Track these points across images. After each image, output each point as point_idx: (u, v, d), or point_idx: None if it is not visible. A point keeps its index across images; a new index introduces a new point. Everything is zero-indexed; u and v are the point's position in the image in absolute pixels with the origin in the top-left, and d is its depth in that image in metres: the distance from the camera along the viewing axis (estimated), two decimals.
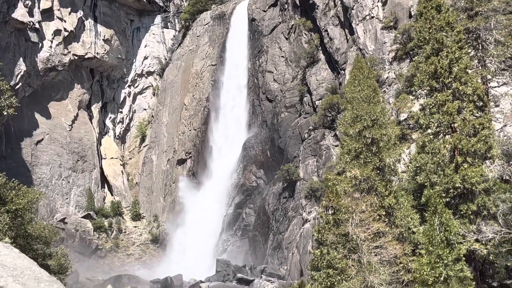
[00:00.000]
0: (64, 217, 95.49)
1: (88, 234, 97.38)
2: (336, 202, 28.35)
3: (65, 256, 38.34)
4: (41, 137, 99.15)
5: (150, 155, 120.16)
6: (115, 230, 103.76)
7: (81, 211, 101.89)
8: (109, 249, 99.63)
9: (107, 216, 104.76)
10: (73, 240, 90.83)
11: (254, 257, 79.87)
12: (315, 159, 74.18)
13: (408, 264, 29.88)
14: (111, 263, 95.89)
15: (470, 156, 33.22)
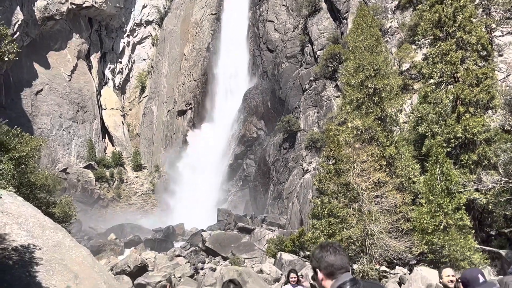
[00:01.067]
0: (65, 167, 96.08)
1: (90, 184, 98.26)
2: (338, 152, 28.40)
3: (69, 204, 38.70)
4: (40, 87, 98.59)
5: (150, 106, 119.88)
6: (117, 180, 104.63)
7: (82, 162, 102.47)
8: (111, 199, 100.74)
9: (108, 166, 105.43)
10: (75, 190, 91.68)
11: (255, 207, 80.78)
12: (316, 110, 73.94)
13: (408, 213, 30.25)
14: (113, 212, 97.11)
15: (472, 106, 33.15)
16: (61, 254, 17.35)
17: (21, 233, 17.19)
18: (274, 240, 51.47)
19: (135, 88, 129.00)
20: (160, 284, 42.77)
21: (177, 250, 56.59)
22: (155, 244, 65.59)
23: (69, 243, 18.23)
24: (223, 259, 52.25)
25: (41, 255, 16.72)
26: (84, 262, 17.66)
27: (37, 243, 17.01)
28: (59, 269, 16.51)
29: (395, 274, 28.30)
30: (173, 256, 52.58)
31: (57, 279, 16.14)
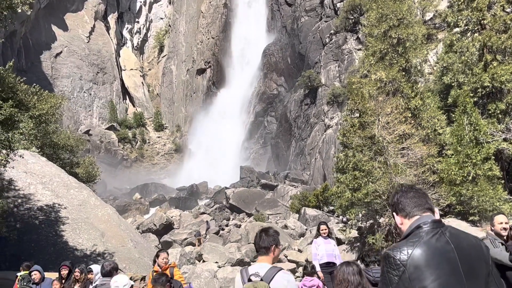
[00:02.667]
0: (88, 129, 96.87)
1: (113, 145, 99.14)
2: (362, 105, 27.74)
3: (92, 164, 38.89)
4: (59, 50, 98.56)
5: (169, 66, 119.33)
6: (139, 140, 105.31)
7: (104, 123, 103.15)
8: (134, 159, 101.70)
9: (130, 127, 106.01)
10: (98, 151, 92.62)
11: (277, 163, 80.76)
12: (337, 64, 72.70)
13: (434, 165, 29.68)
14: (137, 172, 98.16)
15: (500, 54, 32.09)
16: (86, 213, 17.36)
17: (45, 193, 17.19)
18: (298, 196, 51.51)
19: (154, 48, 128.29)
20: (186, 241, 43.30)
21: (201, 208, 57.07)
22: (180, 202, 66.24)
23: (94, 201, 18.23)
24: (247, 216, 52.58)
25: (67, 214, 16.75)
26: (110, 220, 17.68)
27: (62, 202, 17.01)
28: (85, 227, 16.54)
29: None
30: (197, 214, 53.08)
31: (83, 237, 16.18)
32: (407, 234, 3.01)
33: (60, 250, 15.67)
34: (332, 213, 44.27)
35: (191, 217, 51.08)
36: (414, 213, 3.06)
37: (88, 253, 15.85)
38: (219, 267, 29.32)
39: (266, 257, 4.90)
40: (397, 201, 3.14)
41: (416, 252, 2.83)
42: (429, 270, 2.77)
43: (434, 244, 2.87)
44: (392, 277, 2.82)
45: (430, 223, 2.97)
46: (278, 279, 4.67)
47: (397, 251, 2.87)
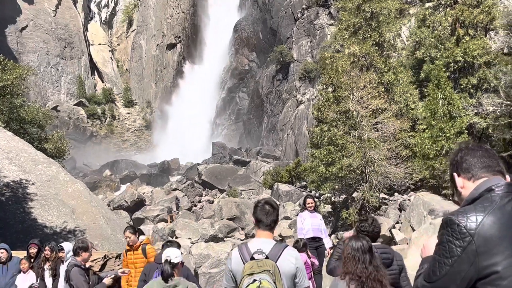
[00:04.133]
0: (56, 105, 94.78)
1: (82, 121, 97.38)
2: (337, 79, 27.57)
3: (61, 140, 37.89)
4: (25, 24, 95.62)
5: (139, 40, 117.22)
6: (109, 116, 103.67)
7: (72, 99, 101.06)
8: (104, 136, 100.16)
9: (99, 103, 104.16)
10: (67, 128, 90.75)
11: (249, 139, 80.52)
12: (309, 40, 72.33)
13: (407, 140, 29.85)
14: (107, 149, 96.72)
15: (472, 28, 32.25)
16: (56, 189, 16.81)
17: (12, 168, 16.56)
18: (270, 171, 51.48)
19: (122, 22, 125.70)
20: (159, 218, 42.93)
21: (173, 184, 56.62)
22: (151, 179, 65.61)
23: (63, 177, 17.67)
24: (220, 192, 52.38)
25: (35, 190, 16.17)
26: (81, 196, 17.17)
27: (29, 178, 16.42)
28: (54, 204, 16.02)
29: (394, 201, 28.23)
30: (170, 190, 52.65)
31: (53, 214, 15.67)
32: (475, 197, 2.41)
33: (28, 228, 15.17)
34: (305, 188, 44.35)
35: (163, 194, 50.62)
36: (481, 174, 2.49)
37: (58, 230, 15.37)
38: (193, 243, 29.09)
39: (270, 232, 4.37)
40: (461, 159, 2.56)
41: (488, 220, 2.24)
42: (503, 244, 2.18)
43: (510, 211, 2.29)
44: (454, 248, 2.21)
45: (505, 186, 2.39)
46: (286, 256, 4.17)
47: (463, 217, 2.27)
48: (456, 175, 2.56)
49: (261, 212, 4.32)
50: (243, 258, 4.15)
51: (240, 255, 4.21)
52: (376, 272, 4.62)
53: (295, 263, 4.20)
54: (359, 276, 4.58)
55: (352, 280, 4.61)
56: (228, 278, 4.27)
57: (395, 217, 25.45)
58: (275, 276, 3.90)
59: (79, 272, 7.75)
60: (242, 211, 37.51)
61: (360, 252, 4.67)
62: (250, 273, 3.88)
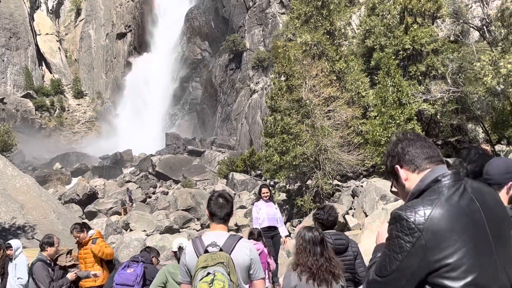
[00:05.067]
0: (2, 97, 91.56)
1: (30, 114, 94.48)
2: (289, 67, 27.69)
3: (8, 133, 36.71)
4: None
5: (87, 30, 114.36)
6: (58, 108, 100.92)
7: (20, 91, 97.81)
8: (53, 128, 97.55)
9: (48, 94, 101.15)
10: (14, 121, 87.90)
11: (203, 129, 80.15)
12: (261, 28, 72.37)
13: (359, 127, 30.33)
14: (57, 141, 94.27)
15: (420, 17, 32.90)
16: (3, 184, 16.27)
17: None
18: (225, 161, 51.43)
19: (70, 11, 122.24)
20: (112, 210, 42.27)
21: (126, 176, 55.80)
22: (103, 171, 64.40)
23: (11, 172, 17.11)
24: (175, 183, 51.99)
25: None
26: (30, 191, 16.68)
27: None
28: (2, 199, 15.51)
29: (348, 187, 28.67)
30: (123, 182, 51.89)
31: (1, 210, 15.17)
32: (421, 190, 2.31)
33: None
34: (260, 177, 44.54)
35: (116, 186, 49.84)
36: (425, 165, 2.38)
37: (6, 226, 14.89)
38: (147, 235, 28.81)
39: (224, 225, 4.29)
40: (403, 151, 2.43)
41: (436, 213, 2.16)
42: (453, 237, 2.13)
43: (458, 202, 2.21)
44: (404, 244, 2.15)
45: (451, 175, 2.30)
46: (240, 248, 4.12)
47: (411, 212, 2.18)
48: (399, 167, 2.44)
49: (215, 205, 4.27)
50: (197, 252, 4.09)
51: (194, 248, 4.14)
52: (327, 263, 4.65)
53: (250, 254, 4.16)
54: (310, 268, 4.61)
55: (304, 272, 4.63)
56: (183, 273, 4.22)
57: (348, 203, 25.86)
58: (229, 268, 3.87)
59: (41, 266, 7.84)
60: (198, 201, 37.36)
61: (312, 243, 4.69)
62: (204, 266, 3.85)
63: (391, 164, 2.49)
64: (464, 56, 30.23)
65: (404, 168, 2.42)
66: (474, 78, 25.93)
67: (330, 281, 4.61)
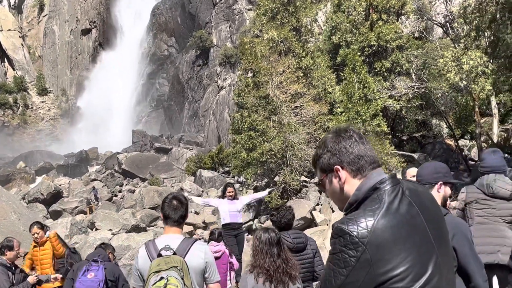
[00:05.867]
0: None
1: None
2: (256, 64, 27.62)
3: None
4: None
5: (51, 26, 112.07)
6: (21, 106, 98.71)
7: None
8: (16, 126, 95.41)
9: (10, 92, 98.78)
10: None
11: (171, 126, 79.57)
12: (228, 25, 72.14)
13: (325, 123, 30.45)
14: (21, 139, 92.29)
15: (385, 13, 33.18)
16: None
17: None
18: (193, 158, 51.12)
19: (33, 6, 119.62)
20: (77, 210, 41.57)
21: (92, 175, 54.93)
22: (68, 169, 63.27)
23: None
24: (142, 181, 51.45)
25: None
26: None
27: None
28: None
29: (315, 183, 28.79)
30: (88, 181, 51.07)
31: None
32: (360, 199, 2.17)
33: None
34: (228, 174, 44.42)
35: (81, 185, 49.01)
36: (368, 171, 2.21)
37: None
38: (114, 234, 28.40)
39: (178, 228, 4.19)
40: (346, 150, 2.22)
41: (379, 225, 2.03)
42: (397, 247, 2.02)
43: (398, 209, 2.09)
44: (348, 258, 2.03)
45: (389, 180, 2.16)
46: (194, 251, 4.04)
47: (353, 225, 2.04)
48: (340, 168, 2.23)
49: (168, 207, 4.16)
50: (150, 256, 3.99)
51: (147, 252, 4.05)
52: (284, 264, 4.60)
53: (204, 257, 4.09)
54: (267, 270, 4.55)
55: (260, 274, 4.57)
56: (135, 278, 4.10)
57: (315, 199, 25.97)
58: (183, 272, 3.77)
59: (1, 271, 7.67)
60: None
61: (268, 245, 4.63)
62: (156, 271, 3.74)
63: (329, 162, 2.27)
64: (428, 53, 30.66)
65: (345, 170, 2.23)
66: (438, 74, 26.27)
67: (286, 283, 4.56)
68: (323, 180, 2.33)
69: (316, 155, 2.35)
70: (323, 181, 2.33)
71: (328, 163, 2.26)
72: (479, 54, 21.13)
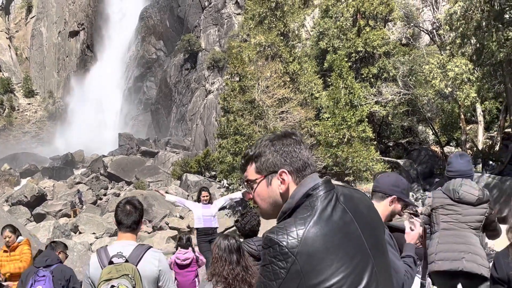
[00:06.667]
0: None
1: None
2: (242, 68, 27.57)
3: None
4: None
5: (39, 27, 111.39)
6: (7, 107, 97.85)
7: None
8: (2, 128, 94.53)
9: None
10: None
11: (158, 130, 79.21)
12: (217, 29, 72.05)
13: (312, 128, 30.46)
14: (6, 141, 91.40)
15: (372, 19, 33.35)
16: None
17: None
18: (179, 162, 50.88)
19: (21, 8, 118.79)
20: (61, 213, 41.13)
21: (77, 178, 54.42)
22: (54, 172, 62.68)
23: None
24: (127, 184, 51.07)
25: None
26: None
27: None
28: None
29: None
30: (73, 184, 50.59)
31: None
32: (293, 207, 2.02)
33: None
34: (214, 178, 44.20)
35: (65, 188, 48.53)
36: (305, 173, 2.06)
37: None
38: (97, 238, 28.10)
39: (131, 234, 4.02)
40: (295, 154, 2.08)
41: (310, 234, 1.90)
42: (329, 257, 1.89)
43: (331, 216, 1.96)
44: (278, 270, 1.90)
45: (322, 186, 2.03)
46: (148, 259, 3.88)
47: (283, 235, 1.91)
48: (285, 172, 2.06)
49: (121, 213, 4.01)
50: (101, 263, 3.84)
51: (99, 259, 3.90)
52: (244, 272, 4.48)
53: (158, 265, 3.94)
54: (225, 278, 4.42)
55: (219, 282, 4.45)
56: (86, 286, 3.95)
57: None
58: (135, 280, 3.64)
59: None
60: (150, 203, 36.69)
61: (227, 252, 4.50)
62: (107, 279, 3.59)
63: (274, 163, 2.08)
64: (414, 59, 30.82)
65: (291, 174, 2.07)
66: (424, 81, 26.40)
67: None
68: (257, 181, 2.13)
69: (254, 152, 2.16)
70: (256, 183, 2.14)
71: (274, 164, 2.09)
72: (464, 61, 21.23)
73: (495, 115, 30.68)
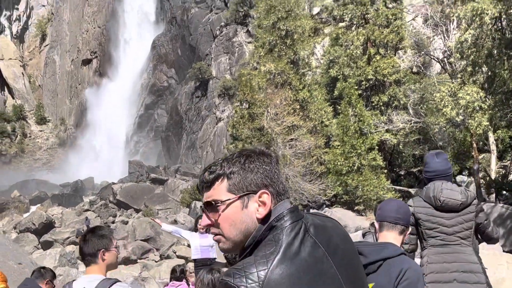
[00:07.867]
0: None
1: None
2: (251, 96, 27.48)
3: None
4: None
5: (52, 56, 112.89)
6: (19, 134, 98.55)
7: None
8: (13, 155, 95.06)
9: (9, 120, 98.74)
10: None
11: (168, 157, 79.18)
12: (228, 57, 72.49)
13: (321, 156, 30.16)
14: (17, 168, 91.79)
15: (382, 48, 33.30)
16: None
17: None
18: (188, 189, 50.58)
19: (35, 36, 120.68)
20: (69, 240, 40.82)
21: (86, 205, 54.29)
22: (63, 199, 62.59)
23: None
24: (136, 212, 50.79)
25: None
26: None
27: None
28: None
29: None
30: (81, 211, 50.39)
31: None
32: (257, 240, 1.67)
33: None
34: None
35: (74, 215, 48.32)
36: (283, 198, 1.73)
37: None
38: None
39: (96, 266, 3.72)
40: (277, 176, 1.74)
41: (274, 275, 1.55)
42: None
43: (298, 252, 1.62)
44: None
45: (288, 215, 1.68)
46: None
47: (241, 277, 1.56)
48: (267, 195, 1.69)
49: (82, 244, 3.75)
50: None
51: None
52: None
53: None
54: None
55: None
56: None
57: None
58: None
59: None
60: (157, 231, 36.31)
61: (211, 287, 4.18)
62: None
63: (255, 182, 1.70)
64: (425, 87, 30.58)
65: (272, 194, 1.70)
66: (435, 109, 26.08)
67: None
68: (227, 202, 1.71)
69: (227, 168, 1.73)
70: (225, 204, 1.71)
71: (254, 183, 1.70)
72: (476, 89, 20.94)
73: (508, 144, 30.17)
